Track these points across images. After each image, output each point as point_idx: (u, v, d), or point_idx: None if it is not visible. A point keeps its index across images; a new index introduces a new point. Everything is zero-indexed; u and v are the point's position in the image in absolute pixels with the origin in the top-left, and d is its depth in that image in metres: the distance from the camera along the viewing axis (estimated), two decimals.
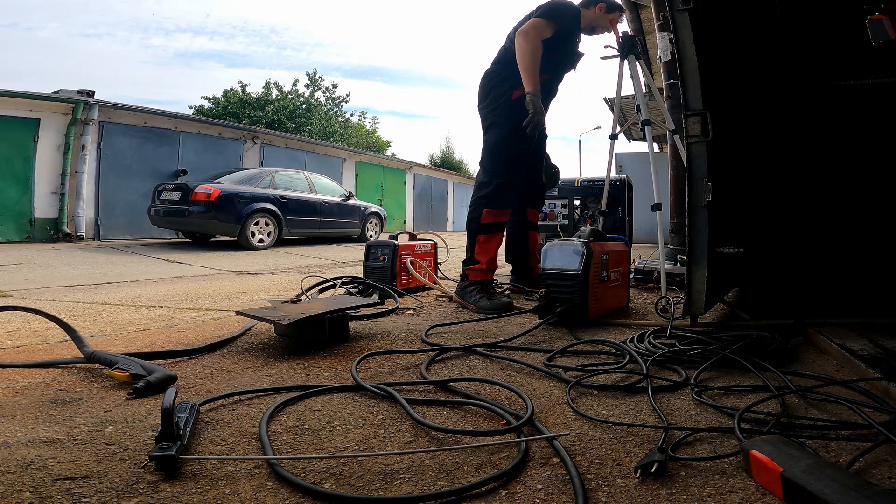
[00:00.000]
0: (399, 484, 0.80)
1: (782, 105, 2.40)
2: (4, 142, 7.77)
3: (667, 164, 3.78)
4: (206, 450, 0.90)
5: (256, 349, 1.64)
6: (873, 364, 1.32)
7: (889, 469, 0.84)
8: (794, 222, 2.44)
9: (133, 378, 1.23)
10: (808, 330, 1.78)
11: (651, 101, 3.88)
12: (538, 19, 2.46)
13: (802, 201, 2.43)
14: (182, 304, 2.62)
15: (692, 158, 1.74)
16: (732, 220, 1.96)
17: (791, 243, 2.48)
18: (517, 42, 2.44)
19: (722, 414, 1.10)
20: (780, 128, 2.41)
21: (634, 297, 2.75)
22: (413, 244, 3.06)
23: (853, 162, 2.38)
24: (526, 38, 2.42)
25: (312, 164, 12.43)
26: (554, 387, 1.29)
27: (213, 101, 20.68)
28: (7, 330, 1.86)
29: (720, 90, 1.80)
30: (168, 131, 9.81)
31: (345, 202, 9.20)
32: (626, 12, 5.89)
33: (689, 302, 1.79)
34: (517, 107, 2.48)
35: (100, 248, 6.91)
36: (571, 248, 2.06)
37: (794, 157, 2.39)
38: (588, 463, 0.88)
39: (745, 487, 0.79)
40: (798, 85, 2.37)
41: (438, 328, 1.95)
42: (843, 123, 2.39)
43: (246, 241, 7.20)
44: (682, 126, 1.75)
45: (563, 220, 4.55)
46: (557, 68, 2.68)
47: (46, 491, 0.74)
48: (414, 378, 1.35)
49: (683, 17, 1.68)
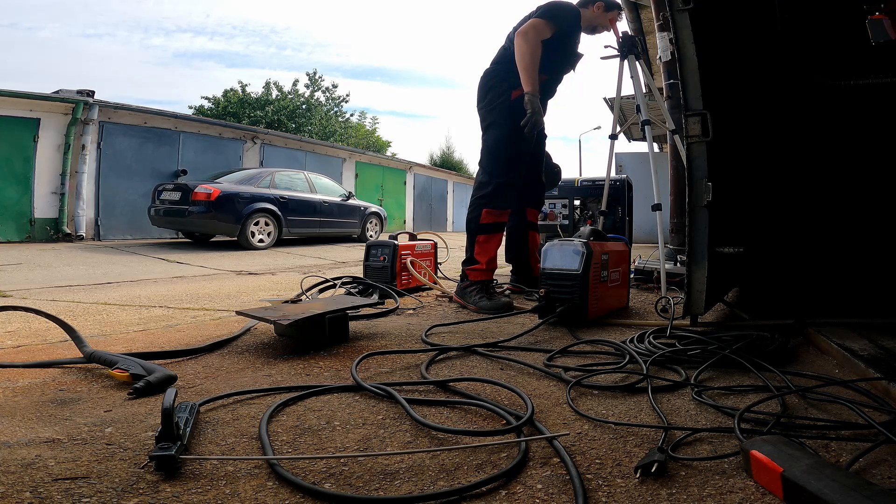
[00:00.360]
0: (399, 484, 0.80)
1: (782, 105, 2.40)
2: (4, 142, 7.77)
3: (667, 164, 3.78)
4: (206, 450, 0.90)
5: (256, 349, 1.64)
6: (873, 364, 1.32)
7: (889, 469, 0.84)
8: (794, 222, 2.44)
9: (133, 378, 1.23)
10: (808, 330, 1.78)
11: (651, 101, 3.89)
12: (538, 20, 2.46)
13: (802, 201, 2.43)
14: (182, 304, 2.62)
15: (692, 158, 1.74)
16: (732, 220, 1.96)
17: (791, 243, 2.48)
18: (516, 42, 2.44)
19: (722, 414, 1.10)
20: (780, 127, 2.41)
21: (634, 297, 2.75)
22: (413, 244, 3.06)
23: (853, 162, 2.38)
24: (525, 39, 2.42)
25: (312, 164, 12.43)
26: (554, 387, 1.29)
27: (213, 101, 20.69)
28: (7, 330, 1.86)
29: (720, 90, 1.80)
30: (168, 131, 9.81)
31: (345, 202, 9.20)
32: (624, 10, 5.88)
33: (689, 302, 1.79)
34: (516, 107, 2.48)
35: (100, 248, 6.91)
36: (571, 248, 2.06)
37: (793, 157, 2.39)
38: (588, 463, 0.88)
39: (745, 487, 0.79)
40: (798, 85, 2.37)
41: (438, 328, 1.95)
42: (843, 123, 2.39)
43: (246, 241, 7.20)
44: (682, 126, 1.75)
45: (563, 220, 4.55)
46: (556, 69, 2.69)
47: (46, 491, 0.74)
48: (414, 378, 1.35)
49: (683, 17, 1.68)
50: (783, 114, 2.40)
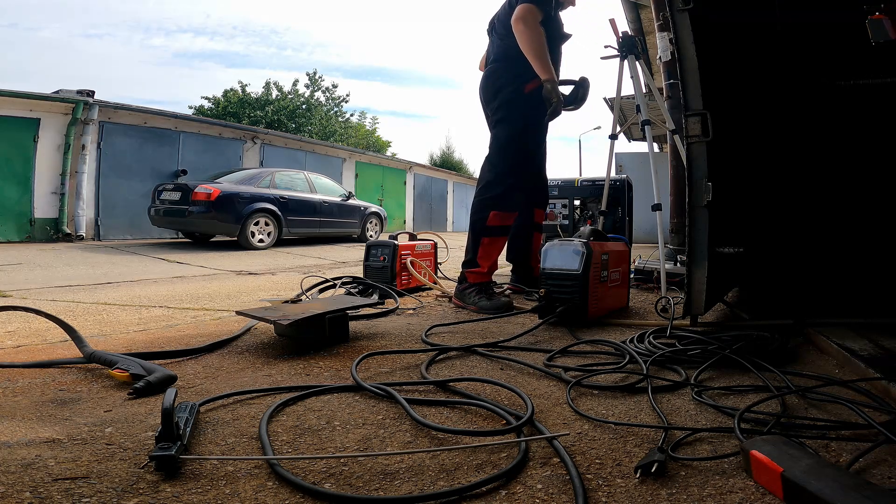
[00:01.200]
0: (399, 484, 0.80)
1: (782, 104, 2.40)
2: (4, 142, 7.77)
3: (667, 164, 3.78)
4: (206, 450, 0.90)
5: (256, 349, 1.64)
6: (873, 364, 1.32)
7: (889, 469, 0.84)
8: (794, 222, 2.44)
9: (133, 378, 1.23)
10: (808, 330, 1.78)
11: (651, 101, 3.89)
12: (526, 5, 2.33)
13: (802, 201, 2.42)
14: (182, 304, 2.62)
15: (692, 158, 1.74)
16: (732, 220, 1.96)
17: (791, 243, 2.48)
18: (518, 31, 2.33)
19: (722, 414, 1.10)
20: (780, 127, 2.41)
21: (634, 297, 2.75)
22: (413, 244, 3.06)
23: (853, 162, 2.38)
24: (526, 24, 2.31)
25: (312, 164, 12.43)
26: (554, 387, 1.29)
27: (213, 101, 20.70)
28: (7, 330, 1.86)
29: (720, 90, 1.80)
30: (168, 131, 9.81)
31: (345, 202, 9.21)
32: (624, 10, 5.87)
33: (689, 302, 1.79)
34: (531, 101, 2.41)
35: (100, 248, 6.91)
36: (571, 248, 2.06)
37: (793, 157, 2.39)
38: (588, 463, 0.88)
39: (745, 487, 0.79)
40: (798, 85, 2.37)
41: (438, 328, 1.95)
42: (843, 123, 2.39)
43: (246, 241, 7.20)
44: (682, 126, 1.75)
45: (563, 220, 4.56)
46: (553, 54, 2.54)
47: (46, 491, 0.74)
48: (414, 378, 1.35)
49: (683, 17, 1.68)
50: (783, 113, 2.40)
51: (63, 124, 8.31)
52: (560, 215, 4.58)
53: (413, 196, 17.22)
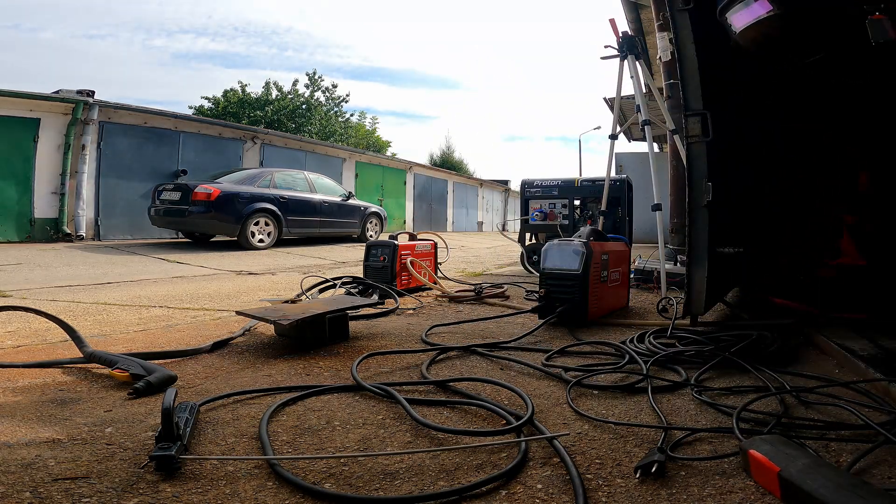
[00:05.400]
0: (399, 484, 0.80)
1: (782, 104, 2.40)
2: (4, 142, 7.76)
3: (667, 164, 3.78)
4: (206, 450, 0.90)
5: (256, 349, 1.64)
6: (873, 364, 1.32)
7: (889, 469, 0.84)
8: (794, 222, 2.44)
9: (133, 378, 1.23)
10: (808, 330, 1.78)
11: (651, 101, 3.88)
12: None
13: (802, 201, 2.42)
14: (182, 304, 2.62)
15: (692, 158, 1.74)
16: (732, 220, 1.96)
17: (791, 243, 2.48)
18: None
19: (722, 414, 1.10)
20: (780, 127, 2.41)
21: (634, 297, 2.75)
22: (413, 244, 3.06)
23: (853, 162, 2.38)
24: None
25: (312, 164, 12.41)
26: (554, 387, 1.29)
27: (212, 102, 20.70)
28: (7, 330, 1.86)
29: (720, 90, 1.80)
30: (168, 131, 9.80)
31: (345, 202, 9.20)
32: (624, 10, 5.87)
33: (689, 302, 1.79)
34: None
35: (100, 248, 6.91)
36: (571, 248, 2.05)
37: (793, 157, 2.39)
38: (588, 463, 0.88)
39: (744, 487, 0.79)
40: (798, 85, 2.37)
41: (438, 328, 1.95)
42: (843, 123, 2.39)
43: (246, 241, 7.20)
44: (682, 126, 1.75)
45: (563, 220, 4.55)
46: None
47: (46, 491, 0.74)
48: (414, 378, 1.35)
49: (683, 17, 1.68)
50: (783, 113, 2.40)
51: (63, 124, 8.30)
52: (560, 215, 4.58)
53: (413, 196, 17.21)
